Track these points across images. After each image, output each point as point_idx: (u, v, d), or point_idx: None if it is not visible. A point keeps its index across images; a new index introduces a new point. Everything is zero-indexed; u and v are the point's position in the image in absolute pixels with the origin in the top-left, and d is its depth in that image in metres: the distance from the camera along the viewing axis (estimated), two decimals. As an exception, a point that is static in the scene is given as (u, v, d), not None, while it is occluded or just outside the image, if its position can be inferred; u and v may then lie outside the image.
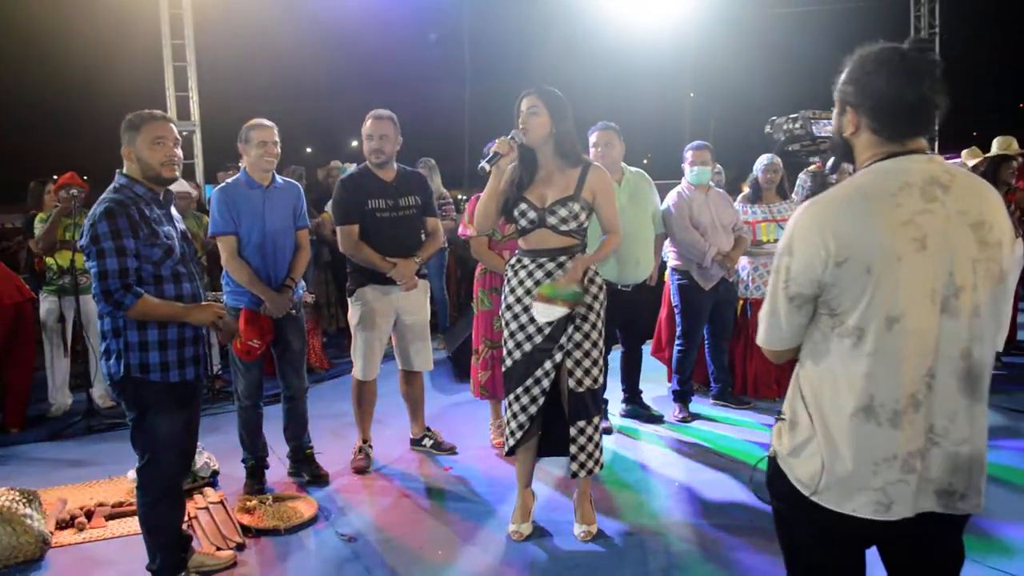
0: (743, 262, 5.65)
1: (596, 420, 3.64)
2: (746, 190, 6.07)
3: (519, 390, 3.60)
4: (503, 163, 3.54)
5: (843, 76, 1.86)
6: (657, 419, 5.38)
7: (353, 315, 4.59)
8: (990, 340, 1.82)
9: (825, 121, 2.17)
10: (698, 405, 5.60)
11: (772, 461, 1.97)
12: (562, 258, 3.53)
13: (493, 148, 3.50)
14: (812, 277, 1.77)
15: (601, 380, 3.66)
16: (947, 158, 8.92)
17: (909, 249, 1.72)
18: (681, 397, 5.48)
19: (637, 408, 5.47)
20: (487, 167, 3.49)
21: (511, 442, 3.67)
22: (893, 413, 1.75)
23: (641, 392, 5.53)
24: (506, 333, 3.65)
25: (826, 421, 1.82)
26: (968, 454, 1.80)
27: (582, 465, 3.63)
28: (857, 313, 1.75)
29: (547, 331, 3.52)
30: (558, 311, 3.41)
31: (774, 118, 2.54)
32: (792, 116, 2.46)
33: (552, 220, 3.51)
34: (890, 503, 1.78)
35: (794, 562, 2.01)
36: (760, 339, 1.95)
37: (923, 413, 1.76)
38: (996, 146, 7.31)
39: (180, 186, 6.24)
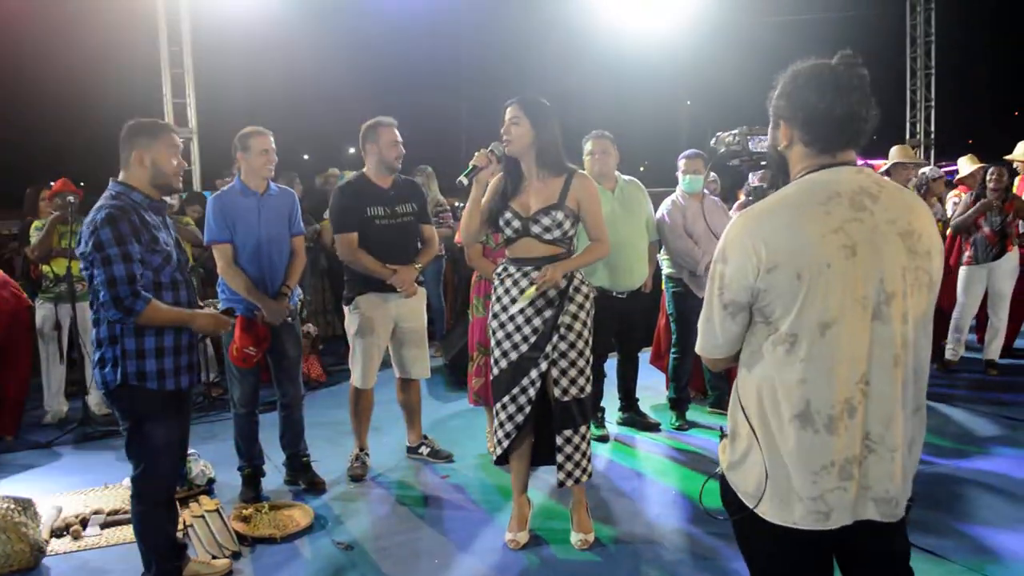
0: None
1: (583, 429, 3.63)
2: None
3: (506, 399, 3.59)
4: (483, 176, 3.57)
5: (776, 91, 1.90)
6: (653, 427, 5.38)
7: (351, 323, 4.59)
8: (923, 347, 1.85)
9: (761, 137, 2.24)
10: (695, 413, 5.59)
11: (723, 478, 1.99)
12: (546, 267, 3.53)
13: (472, 161, 3.53)
14: (745, 284, 1.81)
15: (588, 389, 3.64)
16: (942, 166, 8.97)
17: (839, 256, 1.75)
18: (678, 405, 5.47)
19: (634, 416, 5.47)
20: (465, 181, 3.53)
21: (498, 451, 3.67)
22: (829, 419, 1.78)
23: (638, 400, 5.53)
24: (493, 342, 3.66)
25: (766, 429, 1.84)
26: (904, 460, 1.84)
27: (568, 474, 3.63)
28: (790, 319, 1.78)
29: (532, 340, 3.53)
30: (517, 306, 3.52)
31: (719, 133, 2.59)
32: (733, 131, 2.52)
33: (536, 229, 3.51)
34: (829, 511, 1.81)
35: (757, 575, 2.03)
36: (697, 347, 1.99)
37: (859, 419, 1.79)
38: (1020, 149, 7.34)
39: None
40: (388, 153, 4.49)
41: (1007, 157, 7.30)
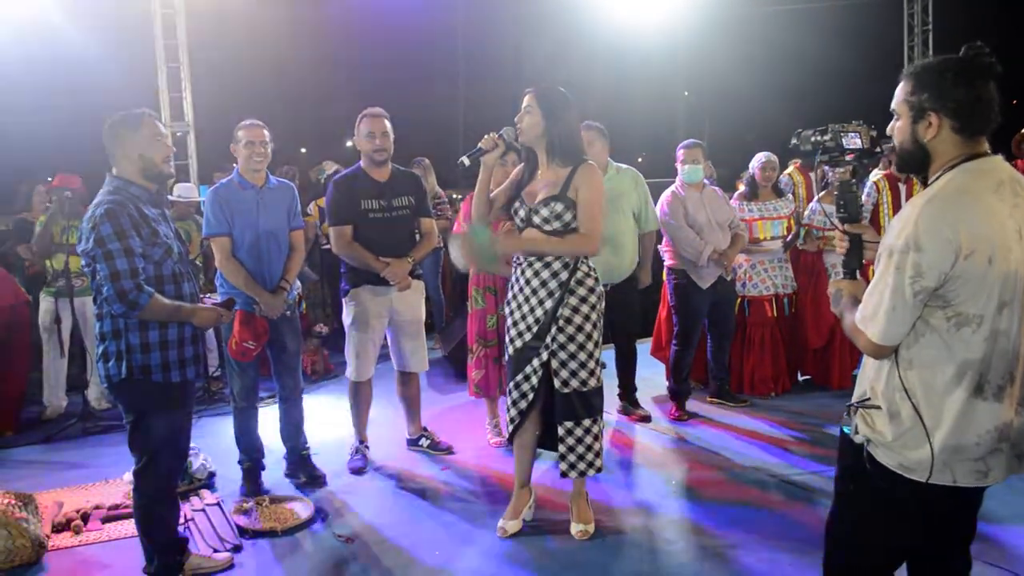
0: (740, 260, 5.64)
1: (585, 423, 3.61)
2: (742, 187, 6.07)
3: (511, 384, 3.66)
4: (488, 159, 3.57)
5: (909, 87, 2.01)
6: (645, 419, 5.37)
7: (347, 316, 4.58)
8: None
9: (853, 134, 2.33)
10: (695, 403, 5.60)
11: (860, 447, 2.09)
12: (548, 257, 3.53)
13: (480, 143, 3.55)
14: (942, 271, 1.89)
15: (592, 383, 3.60)
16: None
17: (1014, 239, 1.91)
18: (678, 396, 5.47)
19: (627, 406, 5.46)
20: (466, 162, 3.55)
21: (509, 427, 3.74)
22: (998, 388, 1.95)
23: (636, 390, 5.52)
24: (508, 323, 3.70)
25: (935, 409, 1.96)
26: None
27: (572, 466, 3.64)
28: (978, 302, 1.91)
29: (535, 329, 3.54)
30: (460, 259, 3.67)
31: (800, 130, 2.63)
32: (820, 129, 2.55)
33: (536, 219, 3.52)
34: (988, 470, 1.98)
35: (865, 544, 2.17)
36: (879, 337, 2.01)
37: (1016, 386, 1.98)
38: None
39: (190, 192, 6.27)
40: (363, 146, 4.49)
41: None
